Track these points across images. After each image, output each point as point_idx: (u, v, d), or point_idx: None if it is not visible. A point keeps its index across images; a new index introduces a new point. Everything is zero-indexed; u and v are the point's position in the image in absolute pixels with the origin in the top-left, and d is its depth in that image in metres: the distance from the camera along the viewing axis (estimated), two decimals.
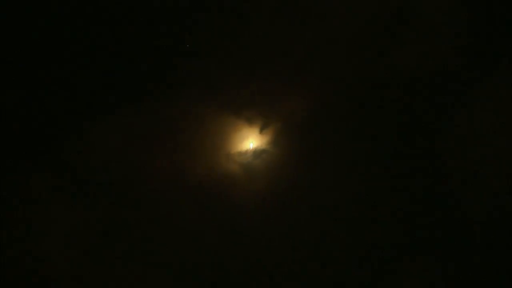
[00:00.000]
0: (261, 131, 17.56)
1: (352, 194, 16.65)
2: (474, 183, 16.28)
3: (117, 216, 16.60)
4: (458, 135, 16.58)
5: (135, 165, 17.08)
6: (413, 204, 16.56)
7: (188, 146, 17.34)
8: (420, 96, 17.09)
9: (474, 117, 16.65)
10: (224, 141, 17.47)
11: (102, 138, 17.22)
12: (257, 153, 17.50)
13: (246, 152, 17.50)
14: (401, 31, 17.10)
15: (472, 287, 15.81)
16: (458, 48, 16.95)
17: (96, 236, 16.40)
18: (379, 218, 16.43)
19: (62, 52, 17.79)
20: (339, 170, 16.87)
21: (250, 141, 17.56)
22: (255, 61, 17.56)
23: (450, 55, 16.97)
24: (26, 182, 16.55)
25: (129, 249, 16.34)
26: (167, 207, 16.77)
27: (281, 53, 17.49)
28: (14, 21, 17.59)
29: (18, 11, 17.66)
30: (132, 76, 17.88)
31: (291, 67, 17.47)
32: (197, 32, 17.83)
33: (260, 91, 17.47)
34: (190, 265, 16.25)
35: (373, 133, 17.04)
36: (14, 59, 17.50)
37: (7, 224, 16.24)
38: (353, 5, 17.27)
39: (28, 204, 16.44)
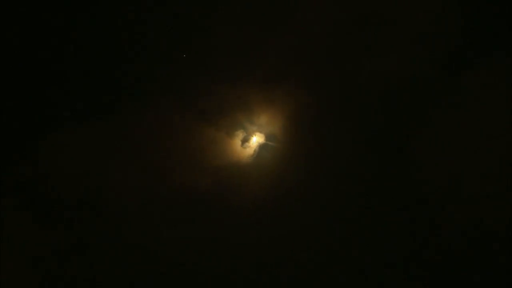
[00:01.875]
0: (242, 144, 17.43)
1: (339, 204, 16.75)
2: (451, 187, 16.44)
3: (83, 233, 16.29)
4: (436, 139, 16.71)
5: (104, 179, 16.62)
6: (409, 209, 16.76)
7: (164, 160, 16.86)
8: (402, 100, 17.10)
9: (452, 121, 16.78)
10: (204, 155, 17.09)
11: (70, 150, 16.65)
12: (240, 166, 17.26)
13: (229, 165, 17.17)
14: (379, 37, 17.09)
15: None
16: (435, 53, 16.97)
17: (60, 254, 16.12)
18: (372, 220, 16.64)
19: (21, 60, 17.11)
20: (324, 181, 16.88)
21: (232, 154, 17.29)
22: (234, 69, 17.28)
23: (428, 60, 16.97)
24: None
25: (93, 267, 16.15)
26: (138, 222, 16.44)
27: (260, 63, 17.24)
28: None
29: None
30: (101, 85, 17.17)
31: (270, 76, 17.24)
32: (174, 40, 17.45)
33: (240, 101, 17.21)
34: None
35: (357, 139, 17.08)
36: None
37: None
38: (332, 11, 17.23)
39: None
